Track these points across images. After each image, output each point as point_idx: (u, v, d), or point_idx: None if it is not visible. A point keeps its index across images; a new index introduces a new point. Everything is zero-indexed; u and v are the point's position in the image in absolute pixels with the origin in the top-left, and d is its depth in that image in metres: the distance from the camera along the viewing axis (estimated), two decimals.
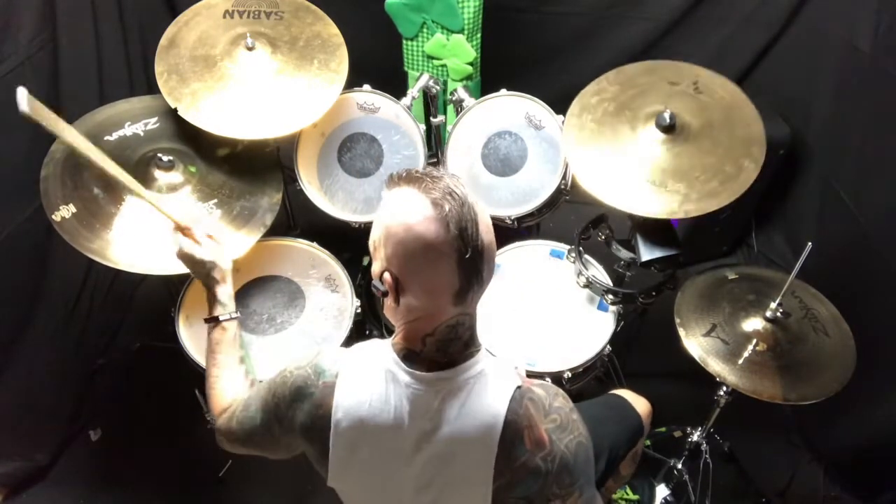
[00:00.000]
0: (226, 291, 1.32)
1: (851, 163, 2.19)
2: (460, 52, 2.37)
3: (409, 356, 1.03)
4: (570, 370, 1.76)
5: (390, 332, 1.07)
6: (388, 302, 1.00)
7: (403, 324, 1.03)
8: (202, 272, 1.32)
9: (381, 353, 1.06)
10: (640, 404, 1.71)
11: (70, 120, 1.80)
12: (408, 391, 1.01)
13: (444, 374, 1.01)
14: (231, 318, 1.30)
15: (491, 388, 1.01)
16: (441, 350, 1.01)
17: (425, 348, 1.01)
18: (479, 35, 2.40)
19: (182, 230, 1.31)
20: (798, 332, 1.68)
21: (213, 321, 1.30)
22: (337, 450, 1.05)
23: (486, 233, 0.96)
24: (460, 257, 0.92)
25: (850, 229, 2.13)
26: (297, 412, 1.08)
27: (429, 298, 0.96)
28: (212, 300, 1.32)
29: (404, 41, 2.46)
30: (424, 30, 2.38)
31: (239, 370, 1.28)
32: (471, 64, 2.41)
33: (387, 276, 0.96)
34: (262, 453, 1.21)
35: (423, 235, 0.91)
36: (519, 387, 1.01)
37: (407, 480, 1.06)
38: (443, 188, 0.92)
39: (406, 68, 2.54)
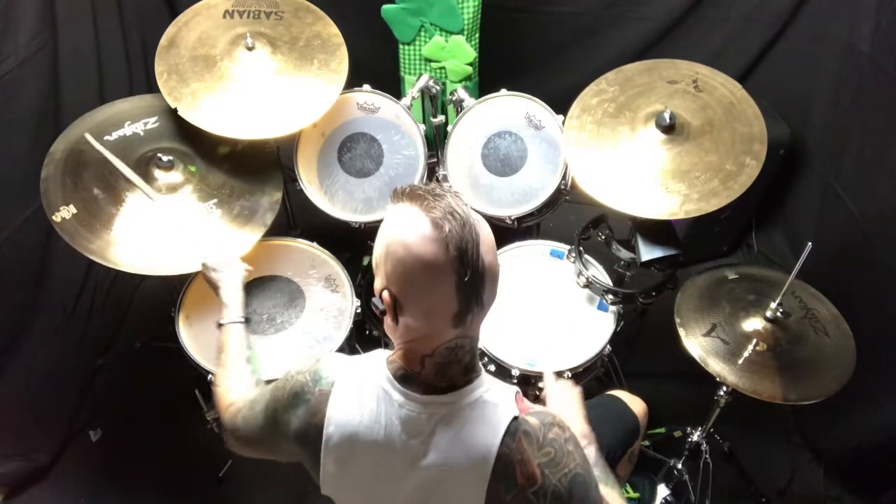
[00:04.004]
0: (231, 296, 1.45)
1: (851, 163, 2.19)
2: (460, 52, 2.37)
3: (406, 377, 1.01)
4: (571, 370, 1.76)
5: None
6: (388, 320, 0.99)
7: (402, 343, 1.01)
8: (210, 276, 1.52)
9: (376, 369, 1.05)
10: (637, 404, 1.70)
11: (70, 120, 1.83)
12: (401, 411, 1.00)
13: (440, 399, 0.99)
14: (234, 322, 1.39)
15: (487, 417, 0.99)
16: (440, 373, 0.99)
17: (424, 370, 0.99)
18: (477, 35, 2.40)
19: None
20: (798, 332, 1.68)
21: (219, 325, 1.40)
22: (327, 463, 1.05)
23: (488, 254, 0.93)
24: (459, 280, 0.90)
25: (850, 229, 2.13)
26: (293, 417, 1.08)
27: (427, 320, 0.95)
28: (221, 304, 1.44)
29: (400, 46, 2.45)
30: (422, 33, 2.37)
31: (244, 370, 1.31)
32: (470, 64, 2.40)
33: (385, 294, 0.94)
34: (267, 456, 1.21)
35: (422, 256, 0.89)
36: (516, 418, 0.98)
37: (398, 499, 1.05)
38: (444, 207, 0.89)
39: (402, 73, 2.53)
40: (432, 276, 0.90)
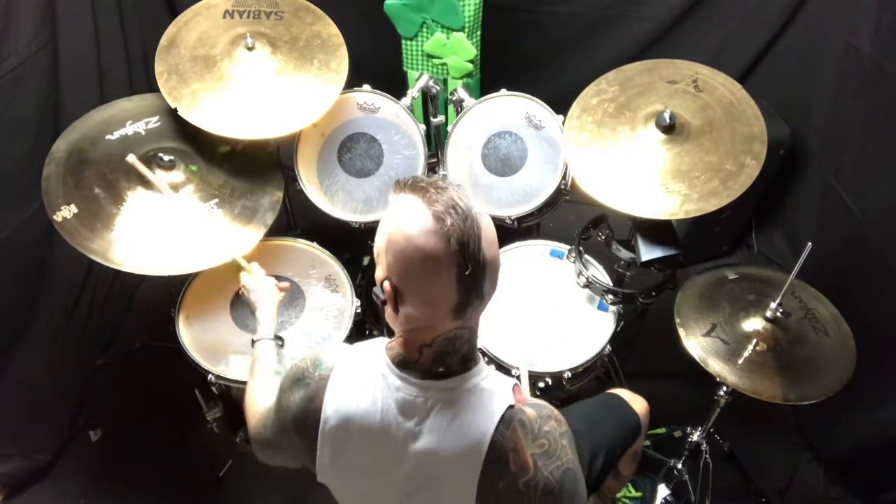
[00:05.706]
0: (264, 316, 1.52)
1: (851, 163, 2.19)
2: (460, 49, 2.37)
3: (404, 363, 1.02)
4: (570, 370, 1.76)
5: (391, 332, 1.07)
6: (388, 310, 1.00)
7: (402, 332, 1.02)
8: (248, 297, 1.59)
9: (375, 355, 1.06)
10: (638, 403, 1.71)
11: (70, 120, 1.83)
12: (398, 395, 1.01)
13: (438, 384, 1.00)
14: (265, 339, 1.46)
15: (483, 405, 0.99)
16: (437, 361, 1.00)
17: (421, 357, 1.00)
18: (479, 32, 2.40)
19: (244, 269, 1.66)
20: (798, 332, 1.68)
21: (252, 342, 1.48)
22: (324, 448, 1.05)
23: (489, 248, 0.94)
24: (460, 272, 0.90)
25: (850, 229, 2.13)
26: (292, 403, 1.09)
27: (427, 310, 0.95)
28: (255, 322, 1.53)
29: (403, 41, 2.46)
30: (424, 29, 2.38)
31: (272, 381, 1.33)
32: (471, 61, 2.41)
33: (386, 284, 0.95)
34: (284, 460, 1.22)
35: (423, 248, 0.89)
36: (511, 406, 0.99)
37: (393, 485, 1.06)
38: (446, 201, 0.90)
39: (406, 68, 2.54)
40: (433, 269, 0.91)
